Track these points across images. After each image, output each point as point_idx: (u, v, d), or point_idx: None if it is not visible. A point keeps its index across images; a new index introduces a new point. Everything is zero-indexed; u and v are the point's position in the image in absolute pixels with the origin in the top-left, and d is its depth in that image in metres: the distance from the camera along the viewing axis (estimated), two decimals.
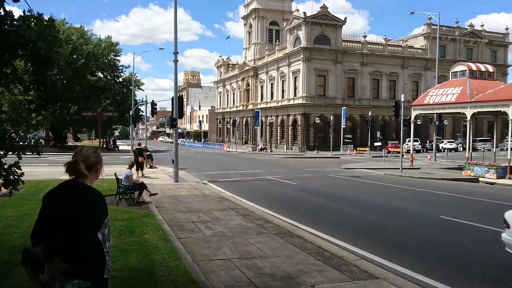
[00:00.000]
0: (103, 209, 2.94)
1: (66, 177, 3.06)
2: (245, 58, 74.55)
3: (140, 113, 57.53)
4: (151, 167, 25.35)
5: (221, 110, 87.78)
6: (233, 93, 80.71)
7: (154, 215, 10.75)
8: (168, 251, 7.32)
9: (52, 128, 54.02)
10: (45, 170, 22.51)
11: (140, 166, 21.26)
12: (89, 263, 2.78)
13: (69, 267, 2.71)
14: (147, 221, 9.81)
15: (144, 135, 64.24)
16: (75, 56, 46.83)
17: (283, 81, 59.56)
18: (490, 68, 27.49)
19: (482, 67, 27.19)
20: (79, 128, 66.23)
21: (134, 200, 12.70)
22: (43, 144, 47.35)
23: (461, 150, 49.56)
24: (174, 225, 9.78)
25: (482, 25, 62.70)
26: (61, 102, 42.61)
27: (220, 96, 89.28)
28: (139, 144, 24.17)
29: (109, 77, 57.45)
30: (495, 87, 23.88)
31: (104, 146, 56.17)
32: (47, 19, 4.97)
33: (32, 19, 4.85)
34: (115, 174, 14.02)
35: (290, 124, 56.70)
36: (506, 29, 65.09)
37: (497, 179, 20.88)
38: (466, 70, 26.05)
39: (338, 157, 41.86)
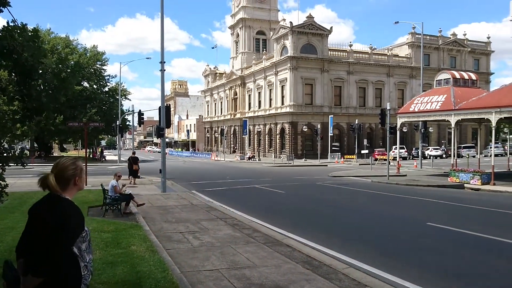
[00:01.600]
0: (77, 222, 2.87)
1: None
2: (233, 67, 74.78)
3: (127, 122, 57.20)
4: (138, 177, 25.11)
5: (209, 119, 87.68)
6: (221, 102, 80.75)
7: (141, 226, 10.64)
8: (156, 263, 7.24)
9: (38, 139, 53.32)
10: (30, 181, 22.11)
11: (133, 174, 22.61)
12: (63, 278, 2.71)
13: (42, 281, 2.66)
14: (134, 232, 9.70)
15: (132, 144, 63.72)
16: (60, 66, 46.33)
17: (270, 89, 59.84)
18: (473, 76, 28.05)
19: (465, 75, 27.72)
20: (65, 138, 65.48)
21: (121, 211, 12.56)
22: (28, 155, 46.61)
23: (446, 156, 50.26)
24: (162, 236, 9.68)
25: (465, 34, 64.02)
26: (46, 113, 42.03)
27: (208, 105, 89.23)
28: (134, 153, 25.06)
29: (95, 86, 57.09)
30: (479, 95, 24.36)
31: (91, 156, 55.57)
32: (31, 29, 4.93)
33: (16, 30, 4.81)
34: (101, 185, 13.87)
35: (278, 132, 56.87)
36: (488, 38, 66.59)
37: (482, 185, 21.19)
38: (450, 78, 26.53)
39: (326, 165, 42.06)
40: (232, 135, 73.35)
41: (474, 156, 42.98)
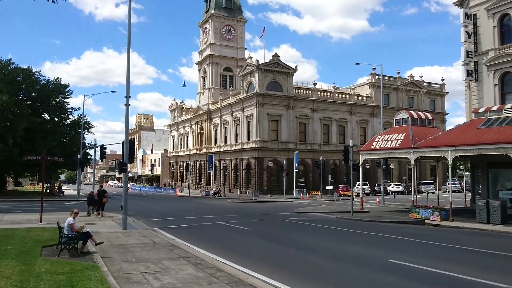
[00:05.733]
0: None
1: (2, 226, 2.84)
2: (199, 102, 75.11)
3: (89, 156, 55.44)
4: (98, 214, 24.17)
5: (174, 154, 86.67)
6: (187, 136, 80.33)
7: (98, 266, 10.12)
8: None
9: None
10: None
11: (101, 206, 23.97)
12: None
13: None
14: (91, 274, 9.20)
15: (93, 179, 61.56)
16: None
17: (236, 125, 60.25)
18: (430, 116, 29.45)
19: (422, 115, 29.08)
20: (21, 172, 62.51)
21: (78, 251, 11.94)
22: None
23: (408, 192, 51.64)
24: (120, 277, 9.24)
25: (421, 76, 67.67)
26: None
27: (174, 139, 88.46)
28: (101, 186, 26.85)
29: (56, 119, 55.43)
30: (435, 134, 25.51)
31: (48, 191, 53.15)
32: None
33: None
34: (57, 223, 13.22)
35: (243, 168, 56.84)
36: (442, 80, 70.70)
37: (441, 221, 21.80)
38: (408, 117, 27.73)
39: (291, 201, 42.13)
40: (197, 170, 72.61)
41: (433, 192, 44.38)
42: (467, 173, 54.47)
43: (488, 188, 24.98)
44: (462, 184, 49.34)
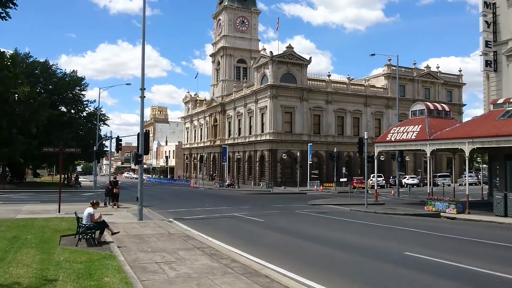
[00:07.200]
0: None
1: (22, 215, 2.91)
2: (213, 94, 75.22)
3: (105, 148, 56.20)
4: (114, 205, 24.53)
5: (188, 146, 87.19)
6: (201, 128, 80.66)
7: (115, 256, 10.30)
8: None
9: (10, 163, 51.69)
10: (0, 208, 21.33)
11: (114, 197, 24.35)
12: None
13: None
14: (108, 263, 9.38)
15: (108, 170, 62.48)
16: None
17: (250, 117, 60.23)
18: (446, 108, 28.98)
19: (439, 107, 28.61)
20: (39, 164, 63.72)
21: (95, 240, 12.16)
22: None
23: (423, 185, 51.09)
24: (137, 267, 9.39)
25: (438, 67, 66.45)
26: (15, 145, 40.46)
27: (188, 131, 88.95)
28: (115, 178, 27.72)
29: (72, 111, 56.24)
30: (452, 126, 25.11)
31: (65, 182, 54.11)
32: (8, 56, 4.84)
33: None
34: (75, 213, 13.47)
35: (257, 160, 56.90)
36: (460, 71, 69.28)
37: (457, 214, 21.54)
38: (424, 109, 27.33)
39: (305, 193, 42.09)
40: (211, 162, 72.97)
41: (449, 185, 43.85)
42: (484, 165, 53.58)
43: (506, 180, 24.52)
44: (479, 176, 48.53)
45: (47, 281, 7.82)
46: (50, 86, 52.71)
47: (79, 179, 61.03)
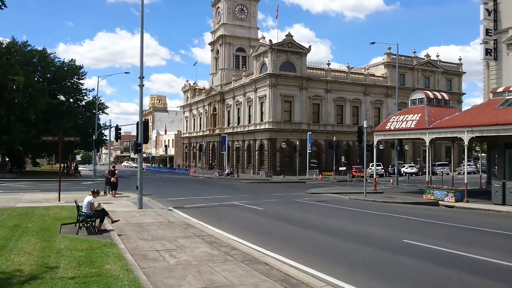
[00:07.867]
0: None
1: (22, 204, 2.91)
2: (212, 83, 74.94)
3: (104, 137, 56.16)
4: (114, 193, 24.62)
5: (187, 135, 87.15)
6: (200, 117, 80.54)
7: (115, 244, 10.36)
8: (130, 282, 7.04)
9: (9, 152, 51.68)
10: (0, 197, 21.39)
11: (112, 186, 24.43)
12: None
13: None
14: (108, 251, 9.44)
15: (108, 159, 62.49)
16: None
17: (249, 106, 60.10)
18: (446, 96, 28.91)
19: (438, 95, 28.55)
20: (39, 153, 63.70)
21: (95, 228, 12.22)
22: None
23: (422, 174, 51.22)
24: (137, 254, 9.45)
25: (438, 56, 66.15)
26: (14, 133, 40.37)
27: (187, 120, 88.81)
28: (114, 167, 27.88)
29: (71, 100, 56.06)
30: (451, 114, 25.09)
31: (65, 171, 54.14)
32: (5, 45, 4.80)
33: None
34: (75, 202, 13.50)
35: (256, 148, 56.94)
36: (459, 59, 68.99)
37: (455, 202, 21.64)
38: (424, 97, 27.27)
39: (304, 182, 42.23)
40: (210, 151, 73.02)
41: (448, 174, 43.99)
42: (483, 154, 53.72)
43: (505, 169, 24.58)
44: (478, 165, 48.66)
45: (48, 268, 7.88)
46: (48, 75, 52.45)
47: (79, 168, 61.07)
